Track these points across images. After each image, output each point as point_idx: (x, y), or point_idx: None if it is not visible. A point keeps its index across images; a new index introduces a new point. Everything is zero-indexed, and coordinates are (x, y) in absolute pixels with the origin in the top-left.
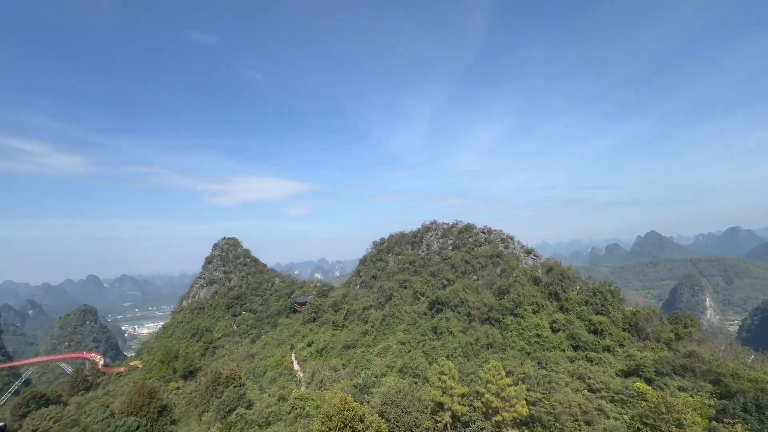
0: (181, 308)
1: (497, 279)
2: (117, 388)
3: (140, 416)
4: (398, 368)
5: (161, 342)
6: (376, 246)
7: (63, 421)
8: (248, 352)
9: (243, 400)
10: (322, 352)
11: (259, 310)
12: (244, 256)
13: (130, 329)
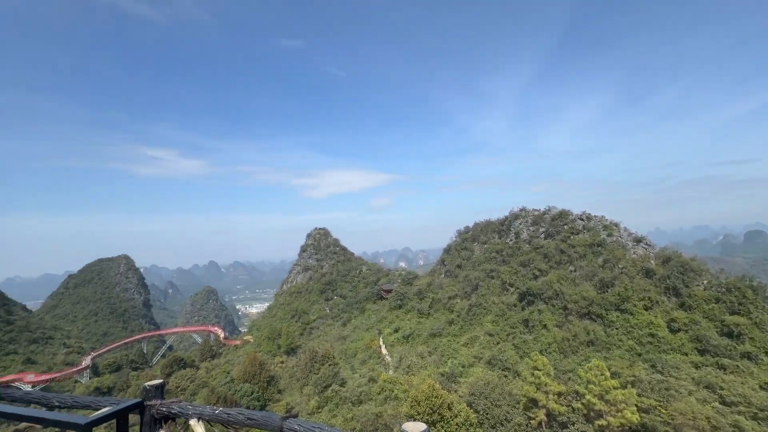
0: (282, 292)
1: (599, 270)
2: (234, 357)
3: (253, 383)
4: (486, 360)
5: (267, 321)
6: (461, 235)
7: (196, 382)
8: (340, 334)
9: (337, 378)
10: (408, 339)
11: (349, 296)
12: (334, 245)
13: (242, 308)
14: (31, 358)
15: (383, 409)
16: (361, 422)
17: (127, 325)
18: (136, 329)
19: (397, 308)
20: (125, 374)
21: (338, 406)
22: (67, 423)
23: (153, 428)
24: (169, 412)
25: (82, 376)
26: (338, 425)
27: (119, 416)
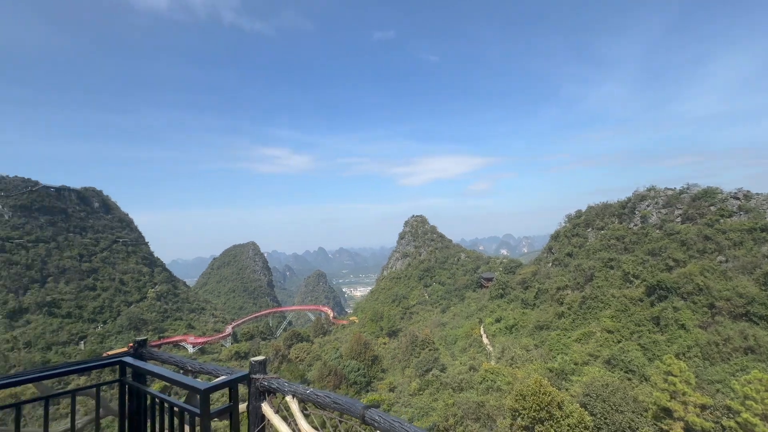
0: (383, 277)
1: (762, 261)
2: (342, 336)
3: (359, 361)
4: (604, 359)
5: (370, 304)
6: (571, 220)
7: (311, 354)
8: (439, 321)
9: (437, 363)
10: (511, 330)
11: (447, 283)
12: (431, 232)
13: (348, 291)
14: (191, 324)
15: (485, 399)
16: (462, 409)
17: (256, 302)
18: (263, 305)
19: (499, 297)
20: (257, 343)
21: (439, 391)
22: (192, 387)
23: (258, 399)
24: (269, 387)
25: (226, 341)
26: (439, 409)
27: (231, 385)
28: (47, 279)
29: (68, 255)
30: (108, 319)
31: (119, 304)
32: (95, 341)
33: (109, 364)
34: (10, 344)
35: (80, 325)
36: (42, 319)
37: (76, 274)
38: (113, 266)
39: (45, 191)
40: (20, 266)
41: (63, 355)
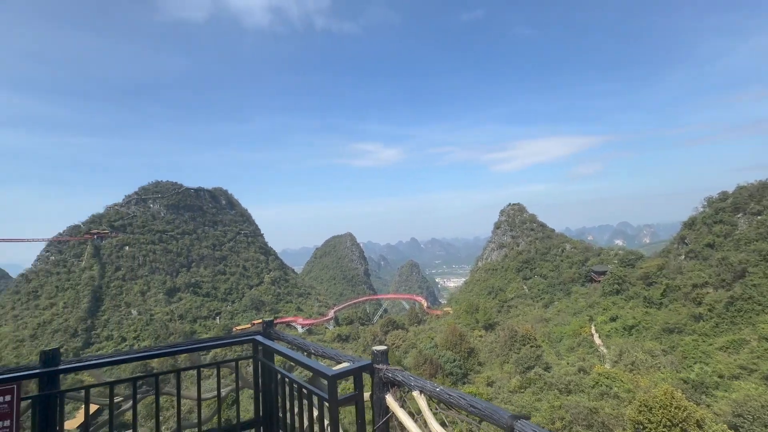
0: (477, 268)
1: None
2: (437, 326)
3: (455, 352)
4: (763, 374)
5: (464, 295)
6: (712, 203)
7: (407, 342)
8: (541, 316)
9: (540, 361)
10: (630, 331)
11: (550, 276)
12: (530, 221)
13: (441, 282)
14: (300, 307)
15: (599, 405)
16: (571, 413)
17: (354, 289)
18: (360, 293)
19: (614, 294)
20: (356, 327)
21: (542, 391)
22: (319, 371)
23: (382, 390)
24: (394, 379)
25: (329, 324)
26: (544, 410)
27: (356, 374)
28: (191, 264)
29: (205, 245)
30: (235, 299)
31: (243, 286)
32: (227, 317)
33: (244, 341)
34: (168, 316)
35: (216, 304)
36: (189, 297)
37: (211, 261)
38: (238, 254)
39: (187, 192)
40: (173, 254)
41: (204, 327)
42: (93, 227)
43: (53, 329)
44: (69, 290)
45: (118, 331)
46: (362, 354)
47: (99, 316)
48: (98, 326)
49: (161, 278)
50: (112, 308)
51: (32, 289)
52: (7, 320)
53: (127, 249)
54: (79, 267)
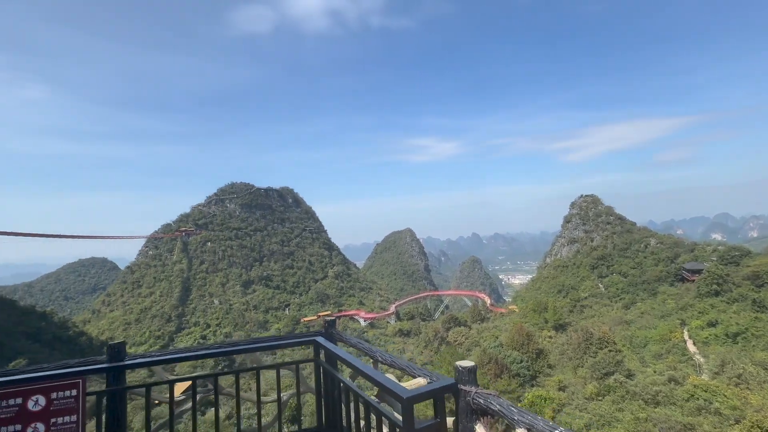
0: (545, 265)
1: None
2: (501, 324)
3: (521, 352)
4: None
5: (531, 293)
6: None
7: (470, 340)
8: (621, 318)
9: (621, 368)
10: (735, 338)
11: (631, 274)
12: (606, 213)
13: (505, 278)
14: (362, 301)
15: (696, 422)
16: (660, 428)
17: (415, 284)
18: (421, 288)
19: (713, 295)
20: (417, 323)
21: (624, 400)
22: (392, 391)
23: (470, 418)
24: (488, 407)
25: (391, 318)
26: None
27: (436, 396)
28: (263, 259)
29: (275, 241)
30: (302, 292)
31: (309, 280)
32: (295, 309)
33: (305, 342)
34: (244, 306)
35: (285, 296)
36: (262, 289)
37: (280, 256)
38: (303, 250)
39: (258, 192)
40: (247, 249)
41: (275, 317)
42: (181, 225)
43: (152, 314)
44: (164, 281)
45: (203, 318)
46: (423, 350)
47: (188, 304)
48: (187, 313)
49: (238, 271)
50: (198, 297)
51: (135, 280)
52: (118, 306)
53: (209, 245)
54: (171, 261)
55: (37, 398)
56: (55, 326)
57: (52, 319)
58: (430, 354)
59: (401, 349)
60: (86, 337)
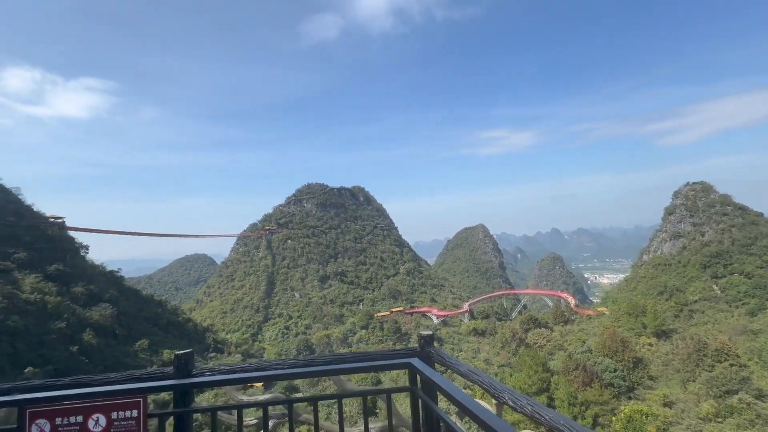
0: (642, 263)
1: None
2: (588, 327)
3: (615, 360)
4: None
5: (624, 294)
6: None
7: (552, 343)
8: (745, 326)
9: (747, 386)
10: None
11: (757, 274)
12: (722, 203)
13: (591, 277)
14: (434, 298)
15: None
16: None
17: (489, 282)
18: (495, 286)
19: None
20: (492, 322)
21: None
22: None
23: None
24: None
25: (464, 317)
26: None
27: None
28: (338, 255)
29: (348, 238)
30: (375, 287)
31: (381, 276)
32: (368, 304)
33: (398, 366)
34: (322, 300)
35: (359, 291)
36: (337, 284)
37: (353, 253)
38: (375, 247)
39: (331, 191)
40: (323, 246)
41: (350, 311)
42: (265, 225)
43: (244, 305)
44: (252, 275)
45: (286, 309)
46: (500, 351)
47: (273, 297)
48: (272, 305)
49: (315, 267)
50: (282, 291)
51: (229, 274)
52: (215, 296)
53: (290, 242)
54: (258, 257)
55: (97, 417)
56: (169, 313)
57: (166, 306)
58: (508, 355)
59: (476, 348)
60: (192, 323)
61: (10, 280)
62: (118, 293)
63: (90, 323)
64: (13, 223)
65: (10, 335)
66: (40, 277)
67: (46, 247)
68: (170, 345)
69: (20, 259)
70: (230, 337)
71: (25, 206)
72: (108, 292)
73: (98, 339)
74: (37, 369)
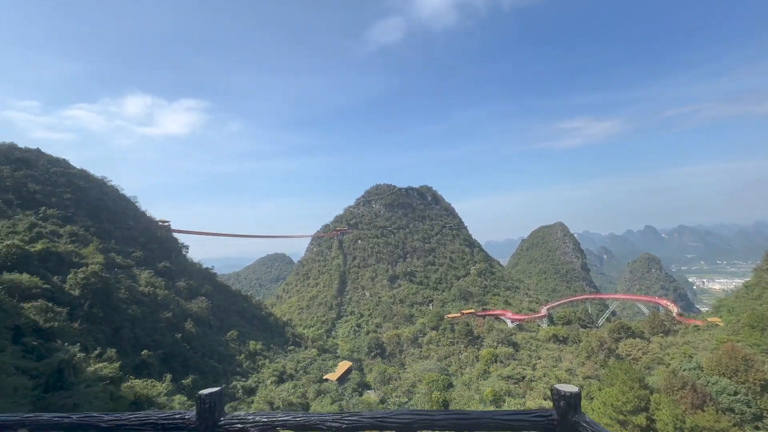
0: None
1: None
2: (696, 340)
3: (736, 382)
4: None
5: (745, 303)
6: None
7: (649, 355)
8: None
9: None
10: None
11: None
12: None
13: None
14: (508, 301)
15: None
16: None
17: (570, 285)
18: (578, 290)
19: None
20: (575, 329)
21: None
22: None
23: None
24: None
25: (542, 322)
26: None
27: None
28: (406, 255)
29: (416, 238)
30: (445, 288)
31: (451, 277)
32: (438, 305)
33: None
34: (391, 299)
35: (428, 291)
36: (406, 284)
37: (422, 253)
38: (444, 246)
39: (399, 192)
40: (392, 246)
41: (420, 312)
42: (337, 225)
43: (318, 302)
44: (325, 274)
45: (357, 308)
46: (585, 361)
47: (345, 295)
48: (345, 303)
49: (384, 267)
50: (353, 289)
51: (305, 272)
52: (293, 293)
53: (360, 242)
54: (330, 256)
55: None
56: (253, 307)
57: (251, 301)
58: (594, 367)
59: (556, 356)
60: (273, 318)
61: (130, 275)
62: (212, 288)
63: (190, 314)
64: (131, 227)
65: (131, 322)
66: (152, 273)
67: (156, 246)
68: (255, 336)
69: (137, 257)
70: (307, 332)
71: (140, 212)
72: (204, 286)
73: (197, 328)
74: (150, 352)
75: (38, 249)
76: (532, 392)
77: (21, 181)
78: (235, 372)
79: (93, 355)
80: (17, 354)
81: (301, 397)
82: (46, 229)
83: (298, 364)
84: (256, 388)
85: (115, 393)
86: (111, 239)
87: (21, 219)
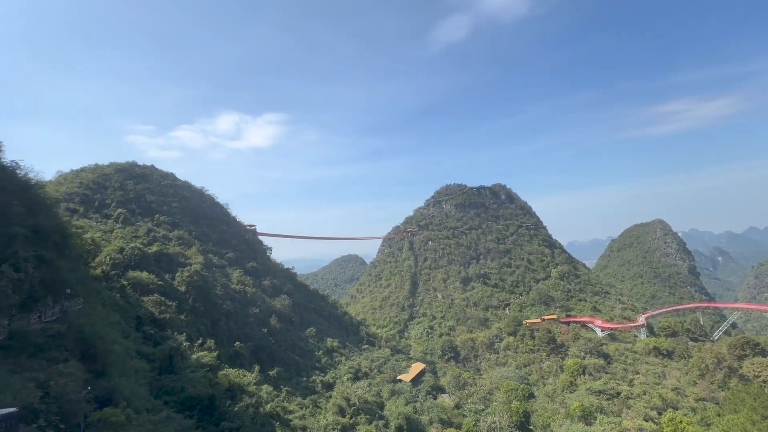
0: None
1: None
2: None
3: None
4: None
5: None
6: None
7: None
8: None
9: None
10: None
11: None
12: None
13: None
14: (596, 307)
15: None
16: None
17: (674, 291)
18: (684, 296)
19: None
20: (683, 342)
21: None
22: None
23: None
24: None
25: (639, 332)
26: None
27: None
28: (479, 257)
29: (490, 239)
30: (522, 291)
31: (529, 280)
32: (515, 309)
33: None
34: (464, 302)
35: (504, 295)
36: (479, 287)
37: (496, 254)
38: (521, 247)
39: (470, 191)
40: (464, 247)
41: (495, 315)
42: (407, 227)
43: (390, 303)
44: (397, 275)
45: (429, 309)
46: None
47: (416, 297)
48: (416, 304)
49: (456, 268)
50: (424, 291)
51: (377, 273)
52: (366, 293)
53: (430, 243)
54: (401, 258)
55: None
56: (329, 306)
57: (328, 300)
58: (711, 388)
59: (659, 372)
60: (348, 317)
61: (225, 274)
62: (293, 287)
63: (274, 311)
64: (225, 231)
65: (226, 316)
66: (242, 272)
67: (245, 248)
68: (332, 334)
69: (230, 258)
70: (380, 332)
71: (232, 217)
72: (286, 285)
73: (280, 324)
74: (242, 344)
75: (154, 251)
76: (629, 411)
77: (141, 193)
78: (314, 367)
79: (196, 344)
80: (138, 340)
81: (375, 395)
82: (159, 233)
83: (372, 363)
84: (333, 383)
85: (213, 380)
86: (209, 242)
87: (141, 225)
